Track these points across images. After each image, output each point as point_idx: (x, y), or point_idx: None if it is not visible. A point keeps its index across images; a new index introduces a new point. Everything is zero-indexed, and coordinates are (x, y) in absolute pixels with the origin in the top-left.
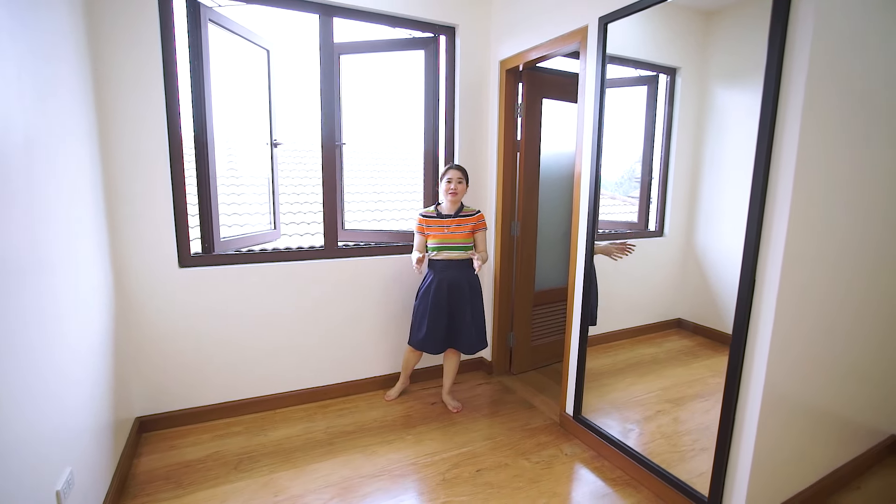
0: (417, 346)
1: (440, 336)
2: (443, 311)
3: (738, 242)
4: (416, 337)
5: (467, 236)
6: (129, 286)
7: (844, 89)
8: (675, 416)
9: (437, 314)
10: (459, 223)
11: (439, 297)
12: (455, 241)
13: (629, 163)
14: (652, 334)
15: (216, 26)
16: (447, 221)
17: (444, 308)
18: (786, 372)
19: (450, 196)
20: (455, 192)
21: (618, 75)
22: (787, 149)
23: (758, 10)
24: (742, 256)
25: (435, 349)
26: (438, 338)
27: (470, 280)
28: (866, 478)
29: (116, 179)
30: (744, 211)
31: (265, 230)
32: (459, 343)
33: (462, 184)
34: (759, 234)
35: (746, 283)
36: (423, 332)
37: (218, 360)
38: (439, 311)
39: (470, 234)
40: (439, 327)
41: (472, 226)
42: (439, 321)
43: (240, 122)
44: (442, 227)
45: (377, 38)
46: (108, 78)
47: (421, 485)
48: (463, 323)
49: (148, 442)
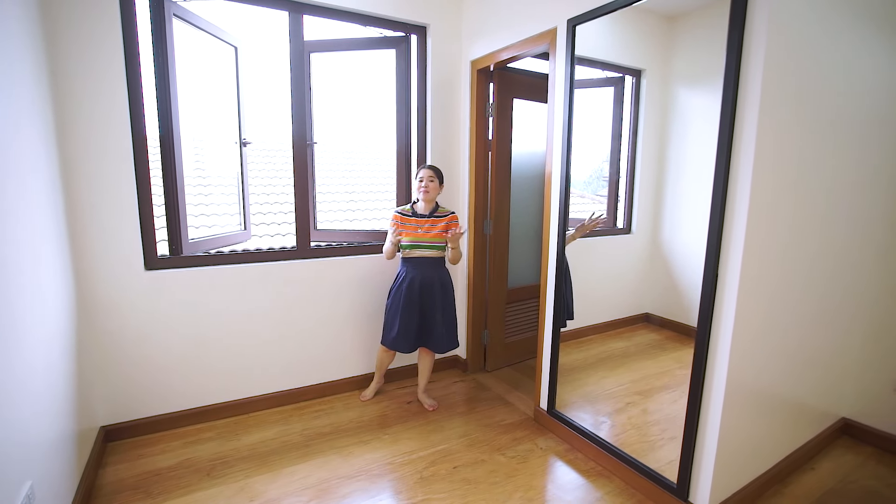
0: (390, 345)
1: (412, 335)
2: (415, 310)
3: (701, 238)
4: (389, 336)
5: (439, 235)
6: (93, 290)
7: (799, 90)
8: (645, 408)
9: (409, 313)
10: (433, 223)
11: (411, 296)
12: (428, 241)
13: (597, 162)
14: (621, 329)
15: (181, 21)
16: (422, 221)
17: (416, 307)
18: (747, 362)
19: (422, 194)
20: (427, 191)
21: (586, 76)
22: (745, 148)
23: (716, 15)
24: (705, 252)
25: (407, 348)
26: (410, 337)
27: (442, 279)
28: (819, 459)
29: (77, 180)
30: (705, 208)
31: (235, 231)
32: (431, 342)
33: (434, 182)
34: (720, 231)
35: (709, 278)
36: (395, 331)
37: (187, 365)
38: (411, 309)
39: (442, 234)
40: (411, 326)
41: (445, 225)
42: (411, 320)
43: (208, 121)
44: (416, 227)
45: (348, 37)
46: (66, 75)
47: (399, 484)
48: (434, 322)
49: (114, 451)
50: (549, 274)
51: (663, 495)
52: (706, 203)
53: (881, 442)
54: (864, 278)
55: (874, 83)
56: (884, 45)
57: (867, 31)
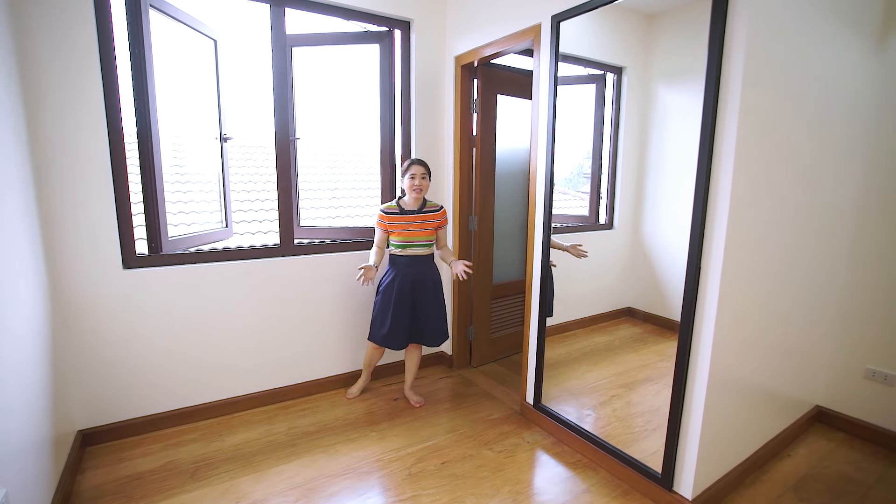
0: (381, 341)
1: (404, 331)
2: (407, 307)
3: (681, 233)
4: (380, 333)
5: (431, 233)
6: (69, 290)
7: (779, 89)
8: (628, 400)
9: (401, 309)
10: (424, 220)
11: (403, 293)
12: (419, 239)
13: (578, 159)
14: (604, 323)
15: (158, 13)
16: (411, 218)
17: (409, 303)
18: (728, 353)
19: (415, 193)
20: (420, 189)
21: (568, 73)
22: (726, 144)
23: (694, 14)
24: (688, 247)
25: (398, 344)
26: (402, 333)
27: (432, 275)
28: (795, 446)
29: (50, 176)
30: (685, 203)
31: (216, 228)
32: (424, 337)
33: (426, 179)
34: (703, 226)
35: (693, 272)
36: (386, 327)
37: (168, 366)
38: (403, 306)
39: (434, 232)
40: (403, 323)
41: (438, 222)
42: (403, 317)
43: (187, 116)
44: (406, 224)
45: (331, 31)
46: (38, 66)
47: (387, 481)
48: (427, 318)
49: (93, 456)
50: (534, 269)
51: (648, 485)
52: (686, 199)
53: (852, 428)
54: (834, 271)
55: (848, 83)
56: (861, 46)
57: (847, 32)
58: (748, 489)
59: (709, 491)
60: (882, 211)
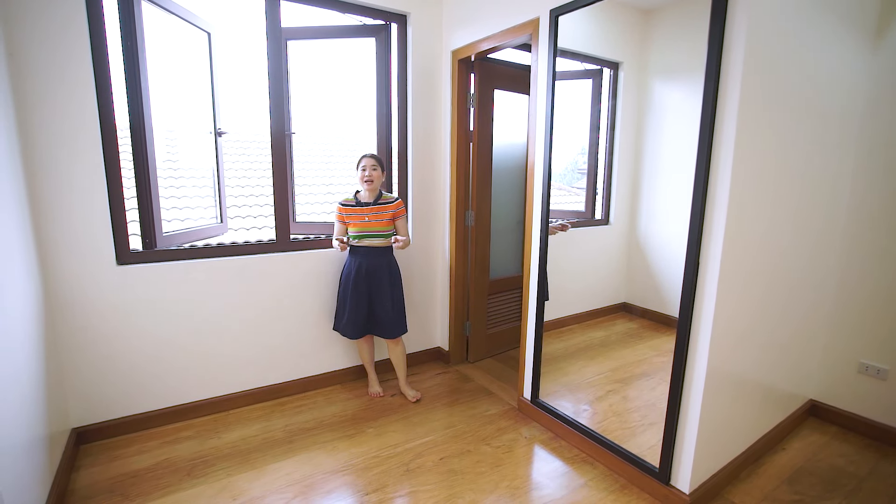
0: (341, 330)
1: (360, 321)
2: (363, 298)
3: (676, 230)
4: (339, 322)
5: (387, 224)
6: (62, 287)
7: (778, 84)
8: (625, 395)
9: (357, 300)
10: (378, 211)
11: (358, 283)
12: (375, 230)
13: (573, 154)
14: (600, 318)
15: (151, 4)
16: (366, 210)
17: (365, 294)
18: (725, 348)
19: (366, 185)
20: (371, 180)
21: (565, 68)
22: (725, 141)
23: (690, 10)
24: (687, 243)
25: (354, 334)
26: (359, 323)
27: (390, 266)
28: (789, 439)
29: (42, 170)
30: (680, 200)
31: (211, 224)
32: (379, 328)
33: (377, 171)
34: (701, 221)
35: (691, 268)
36: (344, 318)
37: (163, 363)
38: (359, 297)
39: (390, 223)
40: (360, 313)
41: (392, 213)
42: (359, 307)
43: (180, 110)
44: (362, 216)
45: (327, 25)
46: (28, 59)
47: (385, 477)
48: (383, 309)
49: (88, 454)
50: (532, 264)
51: (646, 479)
52: (682, 195)
53: (845, 421)
54: (829, 266)
55: (843, 79)
56: (857, 43)
57: (844, 30)
58: (744, 482)
59: (705, 485)
60: (876, 206)
